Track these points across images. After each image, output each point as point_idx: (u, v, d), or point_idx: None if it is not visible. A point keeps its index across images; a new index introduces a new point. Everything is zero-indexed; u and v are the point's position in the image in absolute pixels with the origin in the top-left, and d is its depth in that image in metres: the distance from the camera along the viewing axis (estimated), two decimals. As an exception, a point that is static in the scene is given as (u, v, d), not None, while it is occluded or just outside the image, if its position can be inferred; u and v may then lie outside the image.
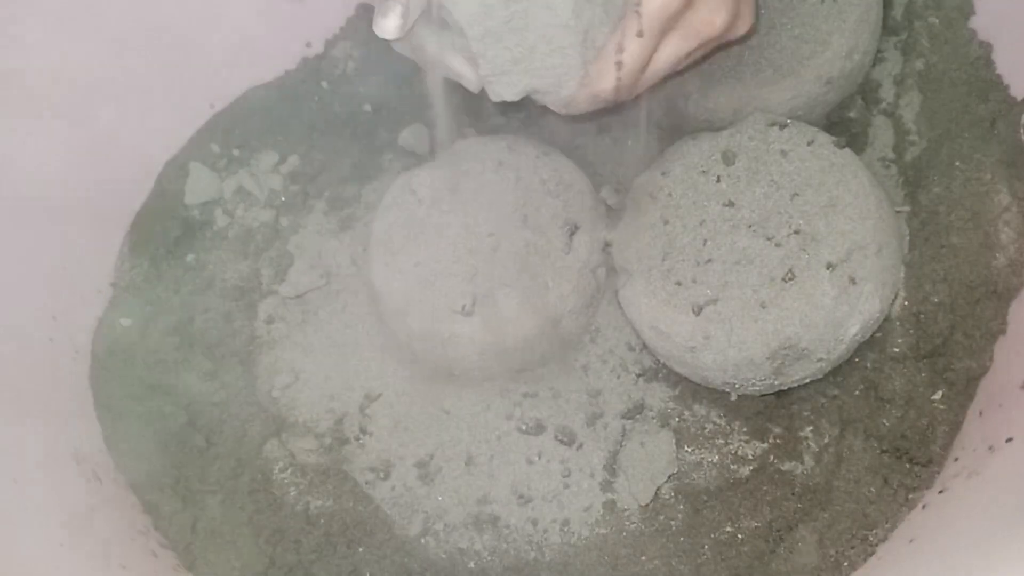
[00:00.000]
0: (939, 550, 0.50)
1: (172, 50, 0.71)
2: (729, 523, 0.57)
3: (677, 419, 0.60)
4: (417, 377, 0.64)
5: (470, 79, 0.54)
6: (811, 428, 0.59)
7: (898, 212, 0.62)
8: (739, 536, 0.57)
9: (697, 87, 0.63)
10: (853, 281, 0.56)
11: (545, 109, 0.58)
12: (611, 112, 0.56)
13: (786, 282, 0.56)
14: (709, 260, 0.58)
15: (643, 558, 0.57)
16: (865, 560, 0.55)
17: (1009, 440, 0.52)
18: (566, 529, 0.58)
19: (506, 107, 0.72)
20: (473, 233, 0.62)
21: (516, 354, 0.62)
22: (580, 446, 0.60)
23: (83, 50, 0.66)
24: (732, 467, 0.58)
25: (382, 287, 0.63)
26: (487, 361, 0.62)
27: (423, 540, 0.59)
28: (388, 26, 0.52)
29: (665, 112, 0.66)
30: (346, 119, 0.74)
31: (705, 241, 0.59)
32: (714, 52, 0.56)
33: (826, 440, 0.58)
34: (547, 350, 0.63)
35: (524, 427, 0.61)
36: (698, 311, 0.57)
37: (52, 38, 0.64)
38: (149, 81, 0.70)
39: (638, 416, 0.61)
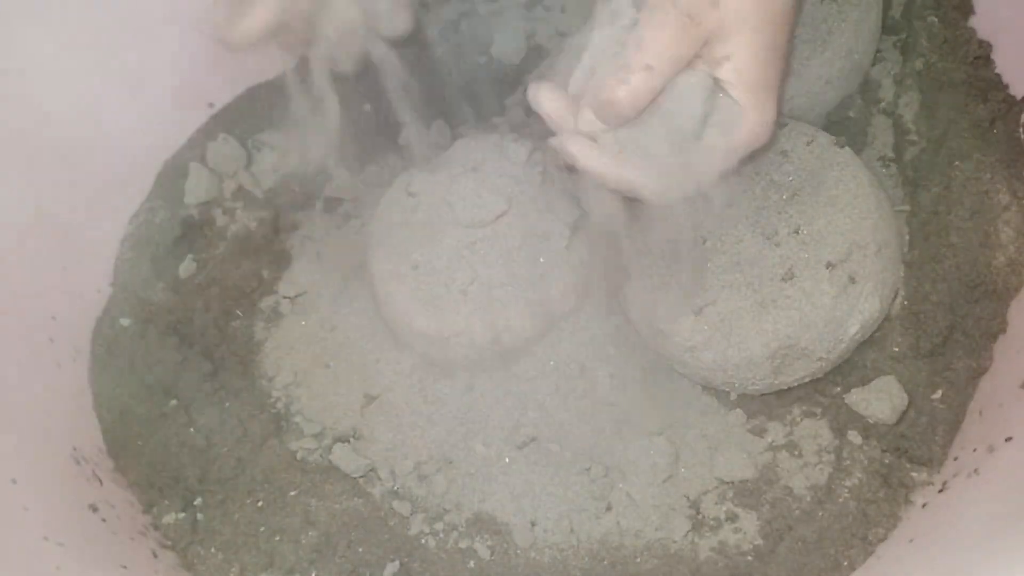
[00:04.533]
0: (939, 550, 0.50)
1: (171, 49, 0.71)
2: (729, 523, 0.57)
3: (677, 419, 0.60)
4: (416, 377, 0.64)
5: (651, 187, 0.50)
6: (811, 427, 0.59)
7: (898, 211, 0.62)
8: (739, 536, 0.57)
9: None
10: (853, 280, 0.56)
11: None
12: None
13: (785, 282, 0.56)
14: (708, 260, 0.58)
15: (642, 557, 0.57)
16: (865, 560, 0.55)
17: (1009, 439, 0.52)
18: (565, 529, 0.58)
19: (503, 106, 0.72)
20: (472, 233, 0.62)
21: (516, 353, 0.62)
22: (580, 446, 0.60)
23: (82, 50, 0.66)
24: (732, 467, 0.58)
25: (381, 287, 0.63)
26: (487, 360, 0.62)
27: (423, 540, 0.59)
28: None
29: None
30: (346, 119, 0.74)
31: (704, 241, 0.59)
32: None
33: (826, 439, 0.58)
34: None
35: (523, 436, 0.61)
36: (698, 311, 0.57)
37: (52, 39, 0.64)
38: (148, 81, 0.70)
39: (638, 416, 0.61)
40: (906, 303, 0.59)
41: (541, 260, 0.61)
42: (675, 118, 0.48)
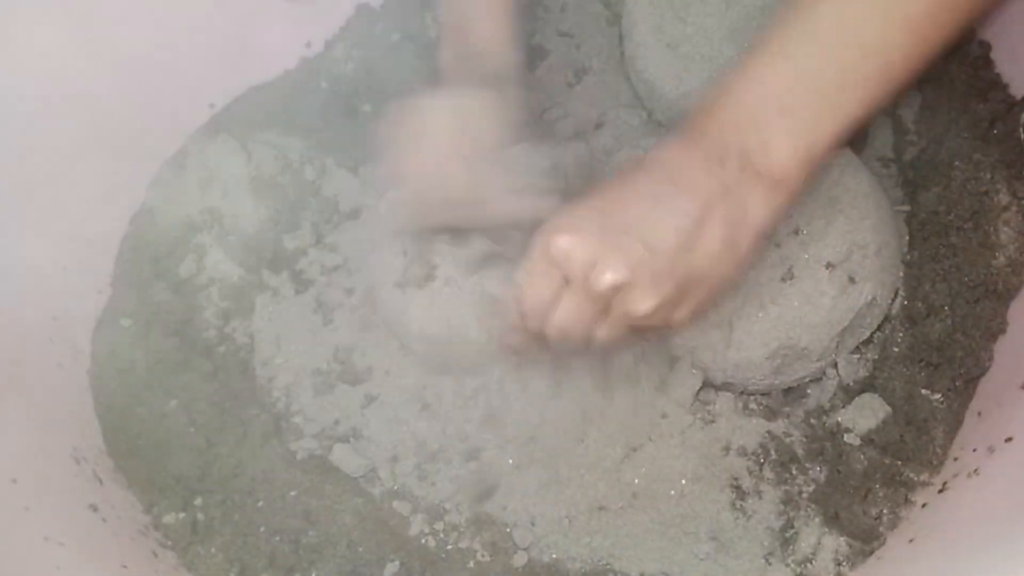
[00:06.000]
0: (939, 550, 0.50)
1: (172, 49, 0.71)
2: (729, 523, 0.57)
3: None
4: (416, 377, 0.64)
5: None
6: (811, 427, 0.59)
7: (897, 212, 0.62)
8: (738, 535, 0.57)
9: (697, 88, 0.63)
10: (852, 281, 0.56)
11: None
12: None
13: (785, 282, 0.56)
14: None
15: (640, 557, 0.57)
16: (865, 560, 0.55)
17: (1009, 440, 0.52)
18: (565, 528, 0.58)
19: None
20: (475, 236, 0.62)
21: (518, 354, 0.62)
22: (579, 446, 0.60)
23: (83, 50, 0.66)
24: (732, 467, 0.58)
25: (382, 291, 0.63)
26: (487, 360, 0.62)
27: (423, 540, 0.59)
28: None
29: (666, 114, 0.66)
30: (346, 119, 0.74)
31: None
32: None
33: (826, 440, 0.58)
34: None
35: (523, 437, 0.61)
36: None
37: (53, 39, 0.64)
38: (148, 80, 0.70)
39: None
40: (906, 303, 0.59)
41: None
42: None
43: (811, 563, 0.55)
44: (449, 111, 0.58)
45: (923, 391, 0.58)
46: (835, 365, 0.59)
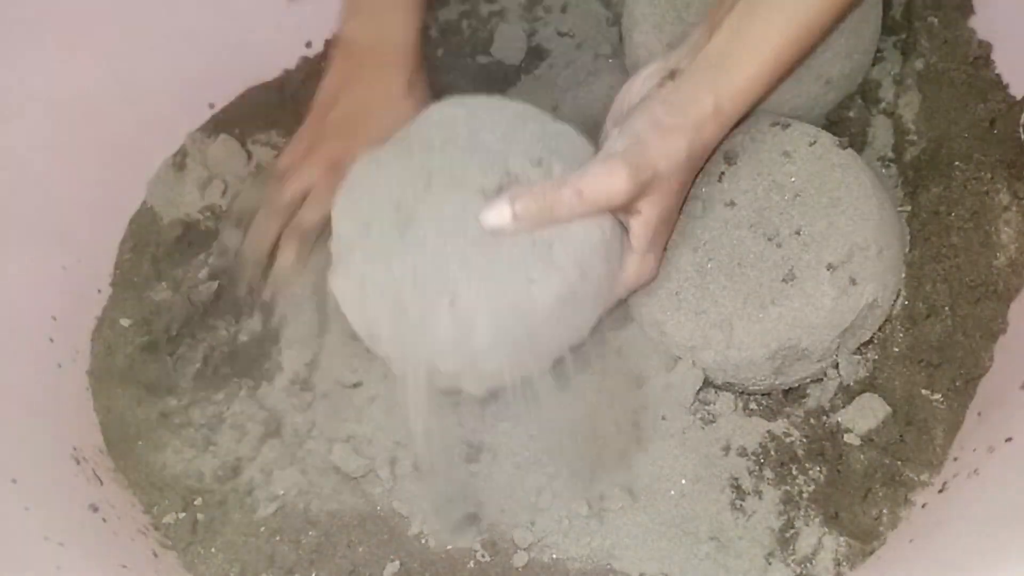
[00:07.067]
0: (939, 550, 0.50)
1: (172, 49, 0.71)
2: (729, 523, 0.57)
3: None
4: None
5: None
6: (811, 427, 0.59)
7: (899, 212, 0.62)
8: (738, 535, 0.57)
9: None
10: (854, 282, 0.56)
11: None
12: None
13: (786, 282, 0.56)
14: (710, 260, 0.58)
15: (640, 557, 0.57)
16: (865, 560, 0.55)
17: (1009, 440, 0.52)
18: (565, 528, 0.58)
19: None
20: None
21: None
22: (580, 446, 0.60)
23: (83, 50, 0.66)
24: (732, 467, 0.58)
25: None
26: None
27: (423, 540, 0.59)
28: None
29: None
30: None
31: (706, 241, 0.59)
32: None
33: (826, 440, 0.58)
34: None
35: (523, 437, 0.60)
36: (698, 311, 0.57)
37: (55, 39, 0.64)
38: (148, 80, 0.70)
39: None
40: (907, 303, 0.59)
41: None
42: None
43: (811, 563, 0.55)
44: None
45: (923, 391, 0.58)
46: (836, 366, 0.59)
